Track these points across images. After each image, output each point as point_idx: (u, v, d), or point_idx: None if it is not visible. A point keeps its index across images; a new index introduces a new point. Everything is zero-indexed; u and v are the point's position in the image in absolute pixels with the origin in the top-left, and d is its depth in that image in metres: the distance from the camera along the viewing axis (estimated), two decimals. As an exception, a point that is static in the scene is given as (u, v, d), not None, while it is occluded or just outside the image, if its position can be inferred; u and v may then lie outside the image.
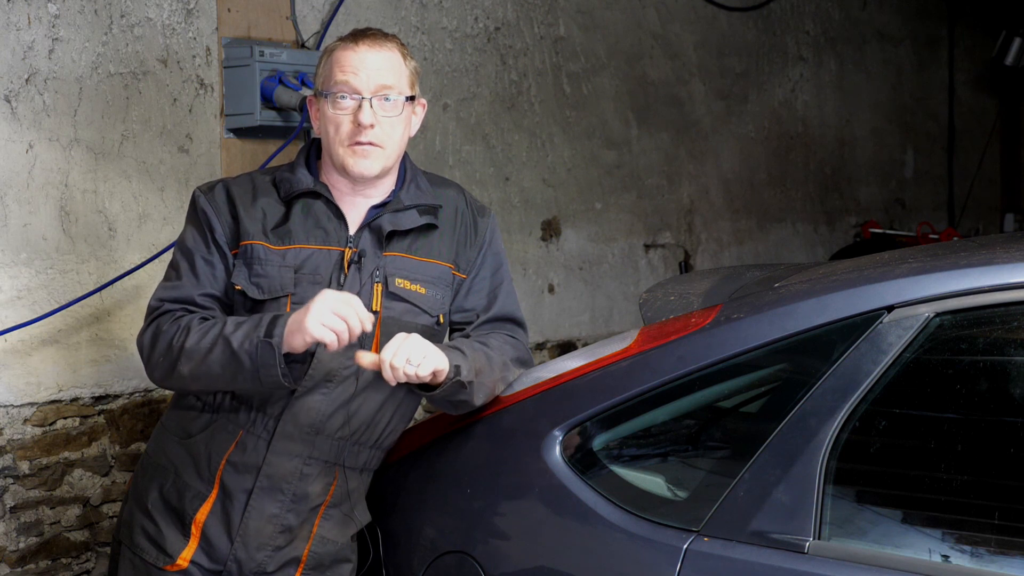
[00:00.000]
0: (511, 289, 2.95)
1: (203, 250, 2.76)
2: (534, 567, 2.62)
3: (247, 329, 2.62)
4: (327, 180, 2.80)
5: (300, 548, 2.76)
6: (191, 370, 2.65)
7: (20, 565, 3.56)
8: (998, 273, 2.36)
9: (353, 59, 2.73)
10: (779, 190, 6.35)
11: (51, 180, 3.58)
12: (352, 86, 2.72)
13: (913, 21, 7.20)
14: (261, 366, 2.59)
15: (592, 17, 5.33)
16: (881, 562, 2.28)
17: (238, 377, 2.63)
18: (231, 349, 2.61)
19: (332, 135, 2.74)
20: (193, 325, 2.67)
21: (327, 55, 2.78)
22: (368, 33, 2.78)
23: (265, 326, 2.60)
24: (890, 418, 2.38)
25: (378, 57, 2.74)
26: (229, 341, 2.61)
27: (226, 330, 2.63)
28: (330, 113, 2.74)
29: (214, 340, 2.63)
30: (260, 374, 2.60)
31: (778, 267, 3.06)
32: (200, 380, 2.68)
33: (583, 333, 5.29)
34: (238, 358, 2.60)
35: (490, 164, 4.92)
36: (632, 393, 2.62)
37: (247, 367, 2.60)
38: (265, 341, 2.58)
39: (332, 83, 2.74)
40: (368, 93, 2.72)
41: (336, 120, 2.73)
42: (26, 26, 3.51)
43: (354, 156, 2.73)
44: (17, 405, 3.54)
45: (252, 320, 2.64)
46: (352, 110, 2.72)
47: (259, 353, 2.59)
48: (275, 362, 2.58)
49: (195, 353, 2.64)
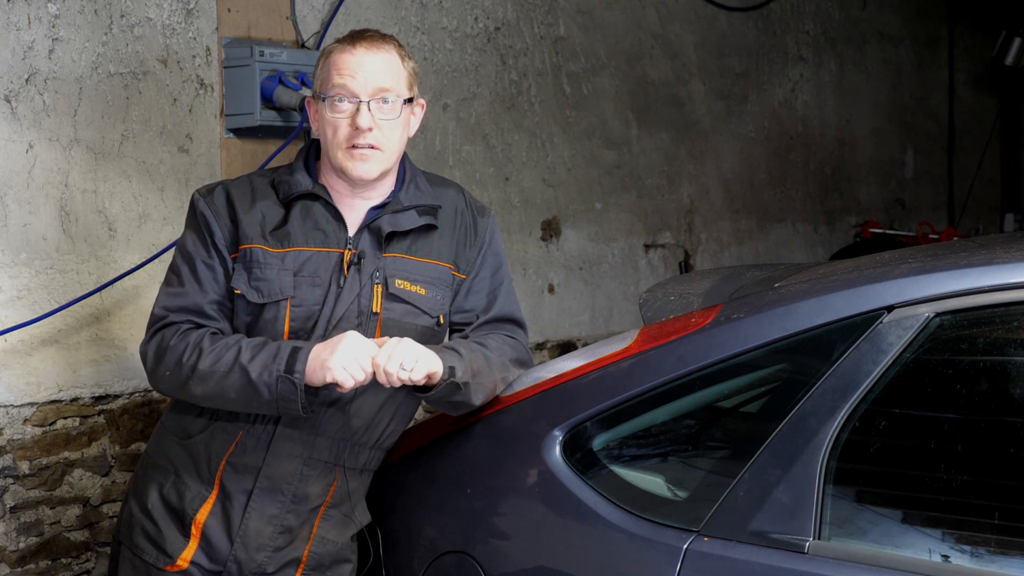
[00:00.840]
0: (511, 289, 2.95)
1: (204, 255, 2.75)
2: (534, 567, 2.62)
3: (265, 359, 2.62)
4: (326, 182, 2.80)
5: (300, 549, 2.76)
6: (204, 391, 2.66)
7: (20, 565, 3.56)
8: (998, 273, 2.35)
9: (351, 61, 2.72)
10: (779, 190, 6.35)
11: (51, 180, 3.58)
12: (350, 89, 2.71)
13: (913, 21, 7.20)
14: (280, 399, 2.61)
15: (592, 17, 5.33)
16: (881, 562, 2.27)
17: (253, 403, 2.65)
18: (248, 379, 2.61)
19: (330, 138, 2.74)
20: (205, 345, 2.66)
21: (324, 57, 2.77)
22: (366, 35, 2.76)
23: (285, 360, 2.60)
24: (890, 418, 2.38)
25: (376, 59, 2.73)
26: (247, 371, 2.61)
27: (242, 358, 2.63)
28: (328, 116, 2.73)
29: (229, 366, 2.63)
30: (279, 406, 2.62)
31: (778, 267, 3.06)
32: (212, 401, 2.69)
33: (583, 333, 5.29)
34: (256, 388, 2.61)
35: (490, 164, 4.92)
36: (632, 393, 2.62)
37: (265, 398, 2.62)
38: (286, 377, 2.59)
39: (330, 86, 2.73)
40: (366, 96, 2.71)
41: (334, 123, 2.73)
42: (26, 26, 3.51)
43: (352, 159, 2.72)
44: (17, 405, 3.54)
45: (270, 349, 2.63)
46: (350, 113, 2.71)
47: (279, 387, 2.60)
48: (296, 397, 2.60)
49: (209, 377, 2.64)
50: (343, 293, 2.71)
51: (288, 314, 2.70)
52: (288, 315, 2.70)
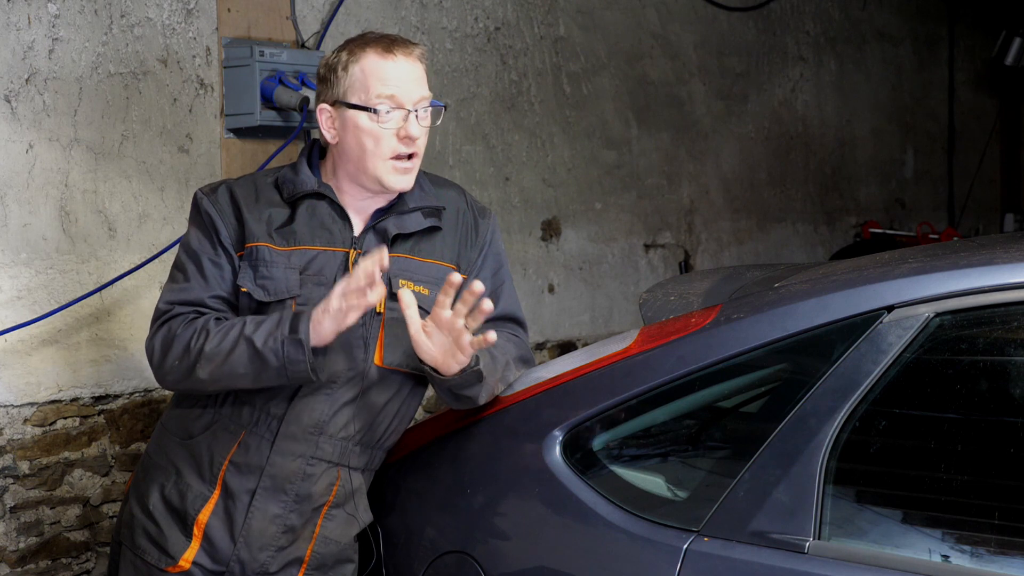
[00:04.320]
0: (512, 289, 2.95)
1: (210, 252, 2.75)
2: (534, 567, 2.62)
3: (269, 327, 2.63)
4: (332, 182, 2.79)
5: (303, 548, 2.76)
6: (211, 372, 2.66)
7: (20, 565, 3.56)
8: (998, 273, 2.36)
9: (393, 70, 2.69)
10: (779, 190, 6.35)
11: (51, 180, 3.58)
12: (398, 100, 2.69)
13: (913, 21, 7.20)
14: (288, 363, 2.61)
15: (592, 17, 5.33)
16: (881, 562, 2.28)
17: (262, 375, 2.64)
18: (255, 348, 2.62)
19: (371, 148, 2.70)
20: (211, 327, 2.67)
21: (355, 63, 2.71)
22: (399, 42, 2.73)
23: (288, 323, 2.61)
24: (890, 418, 2.38)
25: (414, 68, 2.72)
26: (252, 341, 2.62)
27: (247, 330, 2.64)
28: (368, 127, 2.69)
29: (235, 341, 2.64)
30: (288, 371, 2.62)
31: (778, 267, 3.06)
32: (220, 382, 2.68)
33: (583, 333, 5.29)
34: (263, 356, 2.61)
35: (490, 164, 4.92)
36: (632, 393, 2.62)
37: (273, 365, 2.61)
38: (291, 338, 2.59)
39: (373, 96, 2.68)
40: (411, 105, 2.70)
41: (376, 134, 2.69)
42: (26, 26, 3.51)
43: (395, 172, 2.71)
44: (17, 405, 3.54)
45: (271, 319, 2.65)
46: (397, 123, 2.70)
47: (285, 350, 2.60)
48: (304, 357, 2.60)
49: (215, 355, 2.64)
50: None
51: (295, 312, 2.70)
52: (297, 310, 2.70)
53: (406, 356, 2.72)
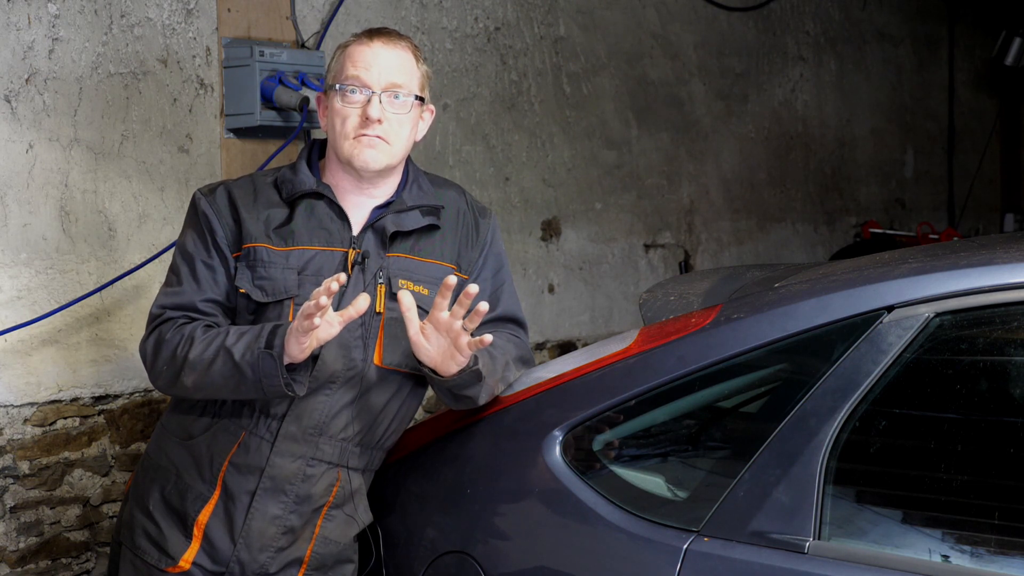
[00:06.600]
0: (512, 290, 2.95)
1: (203, 254, 2.75)
2: (534, 567, 2.62)
3: (248, 340, 2.61)
4: (330, 181, 2.80)
5: (303, 549, 2.76)
6: (194, 381, 2.65)
7: (20, 565, 3.56)
8: (998, 273, 2.36)
9: (367, 54, 2.73)
10: (779, 190, 6.35)
11: (51, 180, 3.58)
12: (363, 80, 2.72)
13: (913, 21, 7.20)
14: (263, 376, 2.59)
15: (592, 17, 5.33)
16: (881, 562, 2.28)
17: (241, 388, 2.63)
18: (233, 361, 2.60)
19: (339, 128, 2.74)
20: (197, 335, 2.66)
21: (340, 51, 2.78)
22: (383, 31, 2.78)
23: (265, 337, 2.59)
24: (890, 418, 2.38)
25: (391, 55, 2.74)
26: (231, 352, 2.61)
27: (227, 341, 2.62)
28: (338, 106, 2.74)
29: (216, 351, 2.63)
30: (263, 385, 2.60)
31: (778, 267, 3.06)
32: (204, 390, 2.68)
33: (583, 333, 5.29)
34: (240, 369, 2.60)
35: (490, 164, 4.92)
36: (632, 393, 2.62)
37: (249, 378, 2.60)
38: (266, 352, 2.57)
39: (343, 77, 2.74)
40: (378, 88, 2.72)
41: (344, 113, 2.73)
42: (26, 26, 3.51)
43: (359, 146, 2.72)
44: (17, 405, 3.54)
45: (253, 331, 2.63)
46: (361, 104, 2.72)
47: (260, 364, 2.58)
48: (277, 372, 2.58)
49: (198, 364, 2.64)
50: (346, 292, 2.70)
51: (292, 313, 2.69)
52: (292, 314, 2.69)
53: (405, 356, 2.72)
